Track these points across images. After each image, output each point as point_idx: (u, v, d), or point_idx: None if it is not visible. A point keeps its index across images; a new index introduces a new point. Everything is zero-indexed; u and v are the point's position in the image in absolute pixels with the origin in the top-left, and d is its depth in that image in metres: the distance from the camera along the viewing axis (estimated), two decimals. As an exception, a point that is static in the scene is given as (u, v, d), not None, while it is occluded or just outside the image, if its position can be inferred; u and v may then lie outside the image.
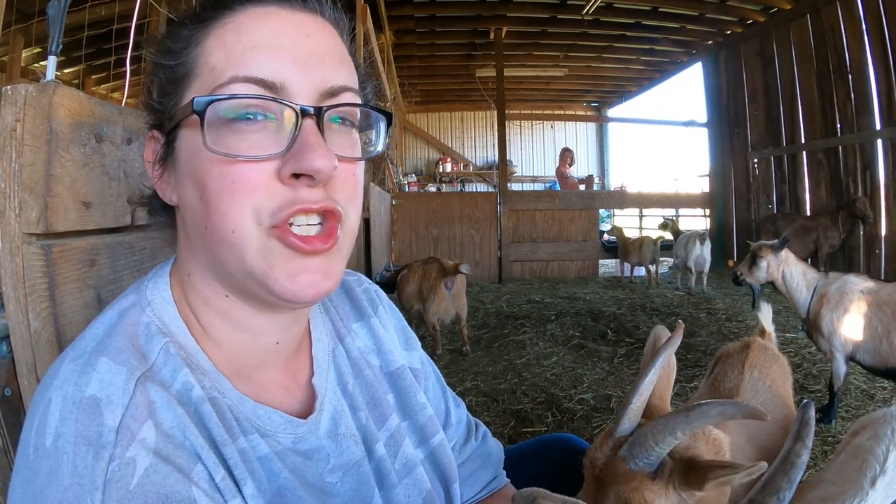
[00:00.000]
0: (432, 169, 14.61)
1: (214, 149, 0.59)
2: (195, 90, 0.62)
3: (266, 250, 0.61)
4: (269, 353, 0.73)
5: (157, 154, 0.67)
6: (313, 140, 0.60)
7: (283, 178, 0.60)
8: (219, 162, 0.59)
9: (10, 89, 0.78)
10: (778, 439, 1.50)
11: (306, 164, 0.59)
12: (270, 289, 0.62)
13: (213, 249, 0.63)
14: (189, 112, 0.60)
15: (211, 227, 0.61)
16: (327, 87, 0.63)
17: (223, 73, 0.60)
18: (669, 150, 30.38)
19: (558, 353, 4.40)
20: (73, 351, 0.60)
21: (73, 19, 0.94)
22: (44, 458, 0.53)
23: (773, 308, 2.26)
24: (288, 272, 0.62)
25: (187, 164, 0.63)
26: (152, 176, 0.69)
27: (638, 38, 9.33)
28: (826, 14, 7.04)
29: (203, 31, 0.63)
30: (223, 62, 0.61)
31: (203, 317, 0.68)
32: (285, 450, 0.68)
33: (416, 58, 10.42)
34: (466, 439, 1.01)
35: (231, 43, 0.61)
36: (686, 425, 0.92)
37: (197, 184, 0.62)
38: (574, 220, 9.09)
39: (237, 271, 0.63)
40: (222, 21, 0.63)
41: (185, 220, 0.66)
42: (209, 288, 0.68)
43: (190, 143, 0.63)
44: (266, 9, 0.63)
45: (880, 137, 6.45)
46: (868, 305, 2.92)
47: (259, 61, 0.60)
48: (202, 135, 0.59)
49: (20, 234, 0.78)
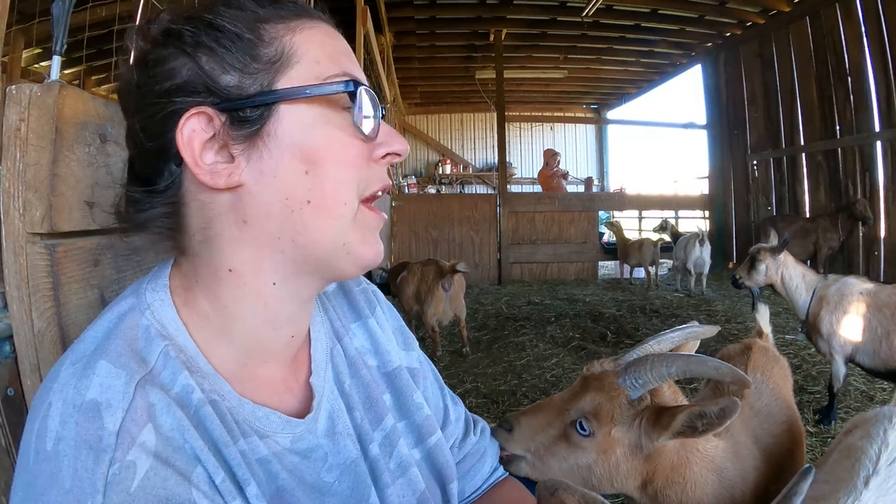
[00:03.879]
0: (432, 171, 14.63)
1: (359, 125, 0.67)
2: (299, 76, 0.66)
3: (361, 223, 0.69)
4: (282, 347, 0.73)
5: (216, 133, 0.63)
6: (389, 128, 0.72)
7: (374, 158, 0.70)
8: (344, 136, 0.67)
9: (14, 89, 0.78)
10: (783, 442, 1.49)
11: (397, 146, 0.71)
12: (360, 255, 0.70)
13: (307, 224, 0.66)
14: (336, 91, 0.66)
15: (320, 198, 0.65)
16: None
17: (331, 67, 0.67)
18: (669, 152, 30.41)
19: (558, 355, 4.40)
20: (73, 354, 0.60)
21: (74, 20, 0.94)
22: (44, 461, 0.53)
23: (773, 310, 2.26)
24: (370, 241, 0.71)
25: (295, 138, 0.65)
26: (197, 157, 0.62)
27: (637, 41, 9.36)
28: (825, 16, 7.06)
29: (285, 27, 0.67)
30: (327, 59, 0.68)
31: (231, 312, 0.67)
32: (283, 450, 0.69)
33: (415, 59, 10.44)
34: (465, 435, 1.01)
35: (328, 45, 0.69)
36: (684, 366, 1.00)
37: (309, 157, 0.65)
38: (574, 222, 9.09)
39: (331, 243, 0.68)
40: (310, 24, 0.69)
41: (257, 200, 0.64)
42: (257, 277, 0.67)
43: (303, 119, 0.65)
44: (329, 26, 0.72)
45: (879, 139, 6.48)
46: (867, 307, 2.92)
47: (352, 66, 0.71)
48: (353, 112, 0.67)
49: (24, 233, 0.78)
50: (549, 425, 1.07)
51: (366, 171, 0.69)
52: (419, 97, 13.54)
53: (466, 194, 13.15)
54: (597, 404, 1.04)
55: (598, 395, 1.05)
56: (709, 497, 1.14)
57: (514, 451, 1.06)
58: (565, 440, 1.05)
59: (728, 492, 1.17)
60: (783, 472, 1.44)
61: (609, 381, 1.06)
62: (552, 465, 1.05)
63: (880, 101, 6.43)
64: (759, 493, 1.26)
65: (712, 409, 0.95)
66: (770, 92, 8.30)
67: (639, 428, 1.04)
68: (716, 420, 0.95)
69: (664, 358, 1.03)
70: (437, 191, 13.64)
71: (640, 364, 1.04)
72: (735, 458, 1.22)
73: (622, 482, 1.08)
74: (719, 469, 1.16)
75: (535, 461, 1.06)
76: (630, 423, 1.05)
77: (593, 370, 1.10)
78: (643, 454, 1.06)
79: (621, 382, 1.05)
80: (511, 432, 1.06)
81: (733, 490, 1.18)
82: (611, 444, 1.04)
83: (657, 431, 1.02)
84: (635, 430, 1.04)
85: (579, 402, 1.05)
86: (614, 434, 1.04)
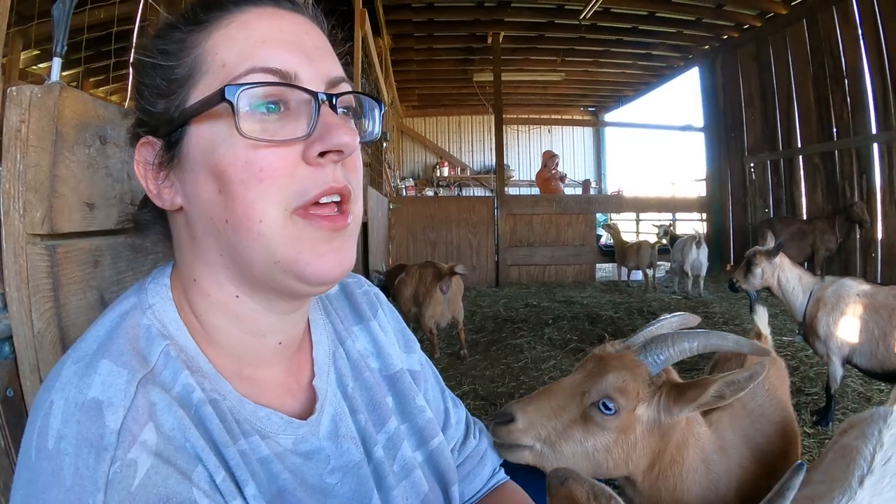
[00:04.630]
0: (430, 173, 14.64)
1: (248, 133, 0.60)
2: (205, 87, 0.63)
3: (293, 237, 0.62)
4: (272, 353, 0.73)
5: (155, 159, 0.66)
6: (336, 119, 0.64)
7: (309, 158, 0.62)
8: (245, 149, 0.61)
9: (15, 90, 0.78)
10: (775, 442, 1.50)
11: (336, 140, 0.62)
12: (301, 273, 0.63)
13: (234, 244, 0.63)
14: (214, 102, 0.61)
15: (234, 218, 0.62)
16: (331, 77, 0.67)
17: (238, 66, 0.62)
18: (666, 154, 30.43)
19: (556, 357, 4.40)
20: (75, 353, 0.60)
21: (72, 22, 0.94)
22: (45, 459, 0.53)
23: (770, 312, 2.26)
24: (317, 254, 0.63)
25: (203, 157, 0.63)
26: (147, 183, 0.67)
27: (635, 43, 9.37)
28: (822, 19, 7.08)
29: (202, 33, 0.65)
30: (236, 57, 0.63)
31: (208, 320, 0.68)
32: (285, 451, 0.69)
33: (413, 62, 10.44)
34: (465, 438, 1.01)
35: (241, 38, 0.64)
36: (705, 340, 1.05)
37: (217, 176, 0.62)
38: (571, 225, 9.09)
39: (262, 263, 0.63)
40: (225, 21, 0.65)
41: (194, 220, 0.66)
42: (219, 290, 0.68)
43: (206, 136, 0.63)
44: (265, 9, 0.66)
45: (876, 142, 6.49)
46: (864, 308, 2.92)
47: (273, 54, 0.63)
48: (235, 121, 0.60)
49: (24, 234, 0.78)
50: (562, 409, 1.06)
51: (297, 179, 0.62)
52: (417, 100, 13.53)
53: (464, 197, 13.14)
54: (623, 381, 1.05)
55: (622, 372, 1.06)
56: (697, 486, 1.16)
57: (519, 442, 1.05)
58: (582, 423, 1.05)
59: (713, 485, 1.19)
60: (775, 473, 1.44)
61: (630, 359, 1.07)
62: (565, 450, 1.04)
63: (877, 103, 6.44)
64: (747, 491, 1.27)
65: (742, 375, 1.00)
66: (767, 94, 8.32)
67: (658, 404, 1.07)
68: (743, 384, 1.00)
69: (686, 334, 1.07)
70: (434, 193, 13.64)
71: (661, 340, 1.07)
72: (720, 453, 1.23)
73: (636, 463, 1.09)
74: (707, 460, 1.19)
75: (545, 448, 1.05)
76: (650, 400, 1.07)
77: (607, 350, 1.11)
78: (659, 431, 1.08)
79: (643, 359, 1.07)
80: (514, 422, 1.05)
81: (718, 485, 1.20)
82: (632, 423, 1.06)
83: (679, 405, 1.05)
84: (654, 406, 1.07)
85: (601, 382, 1.05)
86: (638, 411, 1.06)
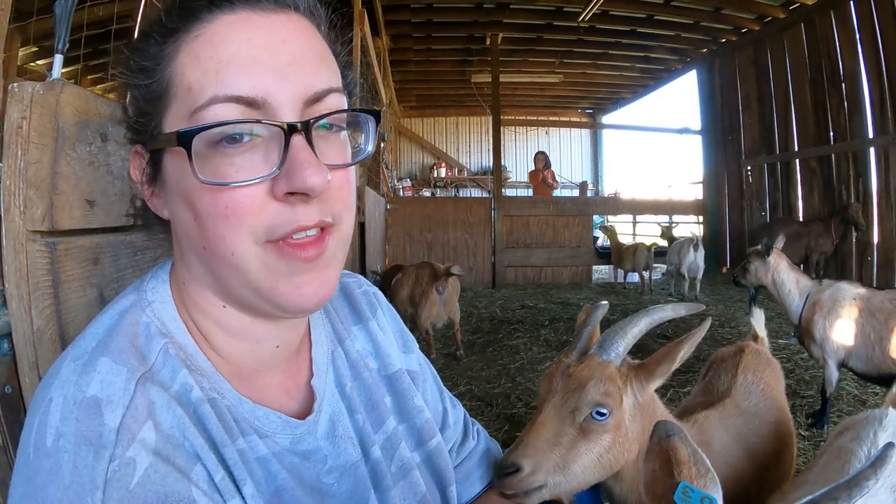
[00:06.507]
0: (427, 174, 14.63)
1: (205, 179, 0.57)
2: (175, 113, 0.60)
3: (267, 268, 0.61)
4: (269, 356, 0.73)
5: (145, 171, 0.66)
6: (303, 157, 0.58)
7: (277, 195, 0.59)
8: (209, 189, 0.58)
9: (16, 87, 0.78)
10: (768, 441, 1.50)
11: (300, 183, 0.57)
12: (277, 303, 0.63)
13: (212, 267, 0.63)
14: (174, 142, 0.58)
15: (210, 247, 0.61)
16: (311, 94, 0.61)
17: (201, 94, 0.58)
18: (663, 156, 30.46)
19: (552, 358, 4.34)
20: (74, 351, 0.60)
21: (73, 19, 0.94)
22: (44, 457, 0.53)
23: (767, 314, 2.27)
24: (293, 285, 0.62)
25: (177, 185, 0.62)
26: (141, 190, 0.67)
27: (633, 46, 9.38)
28: (820, 23, 7.10)
29: (173, 45, 0.60)
30: (199, 80, 0.58)
31: (201, 324, 0.68)
32: (283, 450, 0.68)
33: (412, 62, 10.43)
34: (464, 439, 1.01)
35: (205, 58, 0.58)
36: (647, 318, 1.15)
37: (189, 206, 0.60)
38: (568, 226, 9.10)
39: (240, 287, 0.63)
40: (193, 33, 0.59)
41: (179, 235, 0.66)
42: (205, 299, 0.68)
43: (177, 168, 0.61)
44: (236, 15, 0.59)
45: (873, 145, 6.51)
46: (860, 312, 2.94)
47: (237, 77, 0.57)
48: (191, 166, 0.57)
49: (24, 231, 0.78)
50: (559, 436, 1.07)
51: (265, 215, 0.59)
52: (415, 100, 13.53)
53: (461, 198, 13.12)
54: (604, 385, 1.08)
55: (598, 378, 1.09)
56: None
57: (532, 486, 1.03)
58: (583, 437, 1.07)
59: None
60: (768, 472, 1.45)
61: (596, 363, 1.12)
62: (576, 469, 1.06)
63: (874, 107, 6.45)
64: (739, 489, 1.27)
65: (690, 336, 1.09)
66: (764, 98, 8.34)
67: (632, 387, 1.12)
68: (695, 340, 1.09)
69: (630, 320, 1.16)
70: (431, 194, 13.63)
71: (613, 334, 1.14)
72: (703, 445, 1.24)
73: (631, 450, 1.12)
74: None
75: (558, 478, 1.05)
76: (627, 389, 1.12)
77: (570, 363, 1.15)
78: (640, 411, 1.13)
79: (606, 357, 1.12)
80: (520, 471, 1.02)
81: None
82: (621, 416, 1.10)
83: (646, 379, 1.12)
84: (630, 391, 1.12)
85: (585, 395, 1.08)
86: (623, 404, 1.10)
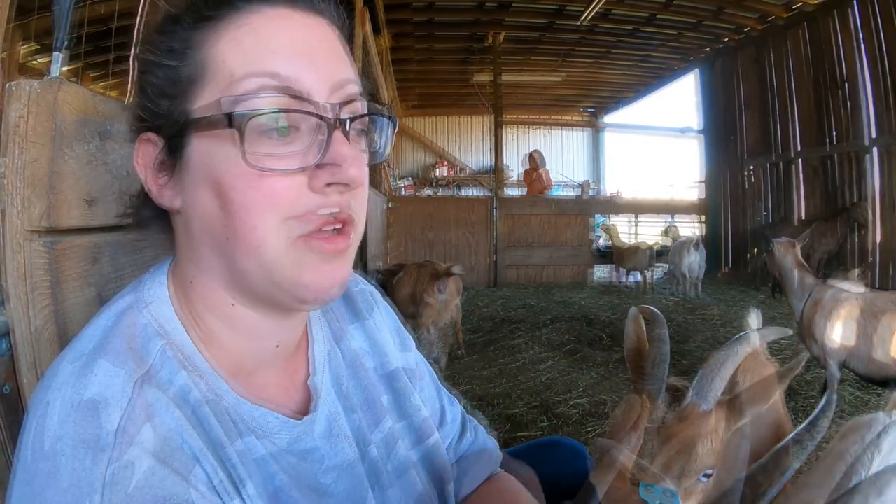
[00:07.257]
0: (428, 173, 14.64)
1: (254, 164, 0.58)
2: (211, 96, 0.60)
3: (294, 260, 0.61)
4: (269, 355, 0.72)
5: (157, 158, 0.65)
6: (346, 150, 0.60)
7: (315, 187, 0.60)
8: (249, 175, 0.58)
9: (14, 85, 0.78)
10: (768, 443, 1.50)
11: (344, 175, 0.60)
12: (299, 295, 0.63)
13: (233, 259, 0.62)
14: (220, 123, 0.58)
15: (235, 237, 0.60)
16: (347, 95, 0.64)
17: (246, 81, 0.59)
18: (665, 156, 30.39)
19: (553, 358, 4.41)
20: (71, 352, 0.59)
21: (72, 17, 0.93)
22: (42, 460, 0.52)
23: (768, 315, 2.27)
24: (320, 273, 0.63)
25: (205, 171, 0.61)
26: (147, 181, 0.66)
27: (635, 46, 9.39)
28: (822, 24, 7.10)
29: (210, 31, 0.61)
30: (245, 67, 0.59)
31: (204, 322, 0.67)
32: (281, 451, 0.68)
33: (413, 61, 10.44)
34: (461, 436, 1.01)
35: (249, 46, 0.60)
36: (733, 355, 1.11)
37: (219, 193, 0.60)
38: (569, 226, 9.11)
39: (261, 281, 0.62)
40: (235, 22, 0.61)
41: (193, 227, 0.65)
42: (215, 296, 0.67)
43: (209, 151, 0.61)
44: (277, 10, 0.62)
45: (874, 146, 6.50)
46: (862, 313, 2.93)
47: (284, 67, 0.60)
48: (241, 149, 0.57)
49: (23, 230, 0.78)
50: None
51: (300, 206, 0.60)
52: (416, 99, 13.54)
53: (462, 197, 13.15)
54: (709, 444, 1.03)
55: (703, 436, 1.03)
56: None
57: None
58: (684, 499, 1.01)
59: None
60: None
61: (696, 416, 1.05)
62: None
63: (875, 108, 6.46)
64: None
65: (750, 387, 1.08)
66: (766, 98, 8.34)
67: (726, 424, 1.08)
68: None
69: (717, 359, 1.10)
70: (432, 193, 13.64)
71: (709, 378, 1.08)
72: None
73: None
74: None
75: None
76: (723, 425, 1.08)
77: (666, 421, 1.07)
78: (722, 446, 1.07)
79: (706, 407, 1.06)
80: None
81: None
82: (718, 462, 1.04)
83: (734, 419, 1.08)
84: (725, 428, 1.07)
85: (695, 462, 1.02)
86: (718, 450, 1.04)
